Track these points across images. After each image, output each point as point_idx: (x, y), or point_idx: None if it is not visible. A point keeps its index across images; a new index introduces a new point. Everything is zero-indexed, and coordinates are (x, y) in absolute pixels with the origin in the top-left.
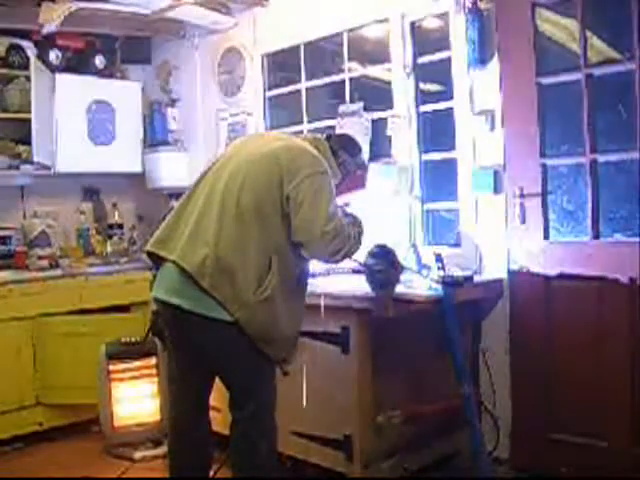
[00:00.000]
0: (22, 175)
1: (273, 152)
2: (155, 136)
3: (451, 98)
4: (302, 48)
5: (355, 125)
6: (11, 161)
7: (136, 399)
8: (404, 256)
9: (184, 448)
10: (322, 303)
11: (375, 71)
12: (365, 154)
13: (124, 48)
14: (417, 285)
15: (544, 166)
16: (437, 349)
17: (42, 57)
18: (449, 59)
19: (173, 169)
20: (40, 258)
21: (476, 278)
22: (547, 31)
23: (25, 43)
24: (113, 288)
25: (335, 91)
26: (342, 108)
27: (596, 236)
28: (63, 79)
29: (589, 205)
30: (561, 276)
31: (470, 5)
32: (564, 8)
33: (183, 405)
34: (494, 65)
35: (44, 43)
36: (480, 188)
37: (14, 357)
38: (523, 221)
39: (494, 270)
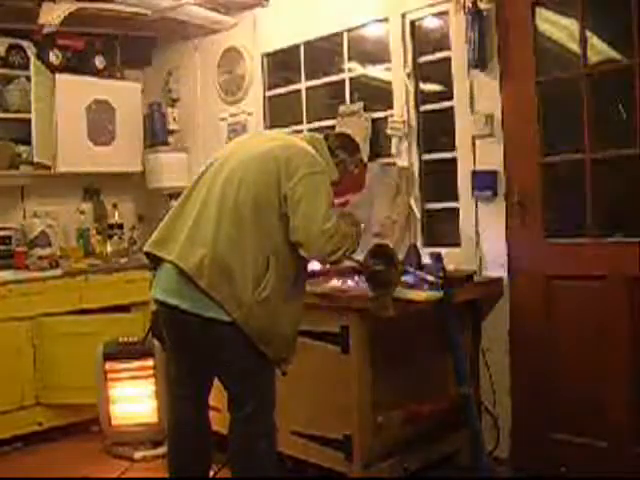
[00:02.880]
0: (22, 175)
1: (270, 151)
2: (155, 136)
3: (451, 98)
4: (302, 48)
5: (355, 125)
6: (11, 161)
7: (135, 399)
8: (404, 256)
9: (184, 448)
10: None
11: (375, 71)
12: (365, 154)
13: (124, 48)
14: (417, 285)
15: (544, 166)
16: (437, 349)
17: (42, 57)
18: (449, 59)
19: (173, 169)
20: (40, 258)
21: (476, 278)
22: (547, 31)
23: (25, 43)
24: (113, 288)
25: (335, 91)
26: (342, 108)
27: (596, 236)
28: (63, 79)
29: (589, 205)
30: (561, 276)
31: (470, 5)
32: (564, 8)
33: (183, 405)
34: (494, 65)
35: (44, 43)
36: (480, 188)
37: (14, 357)
38: (523, 221)
39: (494, 270)
